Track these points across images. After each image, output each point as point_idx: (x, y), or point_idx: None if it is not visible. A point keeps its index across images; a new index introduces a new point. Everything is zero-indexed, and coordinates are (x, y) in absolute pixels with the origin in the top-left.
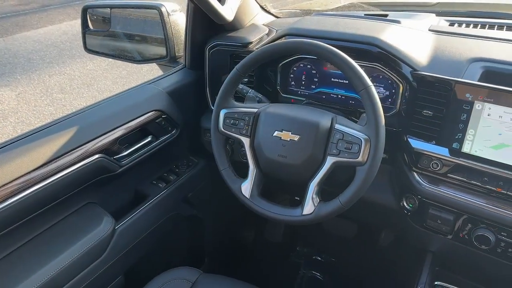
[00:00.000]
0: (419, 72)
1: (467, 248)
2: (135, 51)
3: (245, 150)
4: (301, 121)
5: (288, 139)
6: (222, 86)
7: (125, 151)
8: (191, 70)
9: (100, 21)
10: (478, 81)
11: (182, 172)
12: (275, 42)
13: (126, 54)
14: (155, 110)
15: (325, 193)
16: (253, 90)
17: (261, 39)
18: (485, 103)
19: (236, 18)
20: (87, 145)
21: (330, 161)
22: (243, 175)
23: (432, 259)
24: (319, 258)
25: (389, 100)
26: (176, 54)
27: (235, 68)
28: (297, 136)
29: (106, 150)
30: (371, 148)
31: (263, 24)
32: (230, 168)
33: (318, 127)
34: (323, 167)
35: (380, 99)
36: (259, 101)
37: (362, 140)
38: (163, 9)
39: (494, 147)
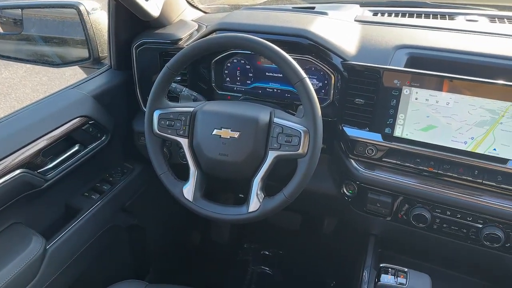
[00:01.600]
0: (349, 62)
1: (406, 227)
2: (54, 55)
3: (184, 152)
4: (240, 118)
5: (228, 137)
6: (153, 86)
7: (50, 163)
8: (118, 71)
9: (10, 24)
10: (404, 67)
11: (116, 181)
12: (207, 37)
13: (44, 58)
14: (81, 116)
15: (269, 188)
16: (187, 89)
17: (191, 35)
18: (412, 88)
19: (162, 14)
20: (6, 160)
21: (272, 155)
22: (184, 177)
23: (375, 241)
24: (267, 253)
25: (323, 91)
26: (100, 55)
27: (165, 66)
28: (237, 133)
29: (28, 164)
30: (310, 139)
31: (192, 20)
32: (169, 171)
33: (257, 122)
34: (266, 162)
35: (314, 90)
36: (195, 100)
37: (301, 132)
38: (81, 8)
39: (423, 129)
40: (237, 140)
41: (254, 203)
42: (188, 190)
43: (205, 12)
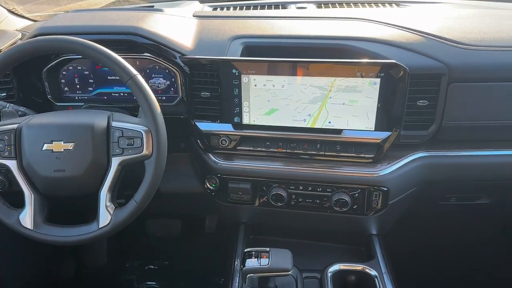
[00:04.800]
0: (186, 56)
1: (269, 209)
2: None
3: (15, 176)
4: (72, 127)
5: (62, 150)
6: None
7: None
8: None
9: None
10: (240, 56)
11: None
12: (16, 44)
13: None
14: None
15: (128, 198)
16: (12, 105)
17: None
18: (250, 75)
19: None
20: None
21: (115, 162)
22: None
23: (245, 229)
24: (152, 267)
25: (172, 89)
26: None
27: None
28: (71, 144)
29: None
30: (153, 138)
31: (17, 30)
32: (0, 200)
33: (93, 129)
34: (110, 171)
35: (163, 89)
36: (22, 115)
37: (143, 132)
38: None
39: (267, 113)
40: (73, 152)
41: (105, 217)
42: (27, 218)
43: (34, 21)
